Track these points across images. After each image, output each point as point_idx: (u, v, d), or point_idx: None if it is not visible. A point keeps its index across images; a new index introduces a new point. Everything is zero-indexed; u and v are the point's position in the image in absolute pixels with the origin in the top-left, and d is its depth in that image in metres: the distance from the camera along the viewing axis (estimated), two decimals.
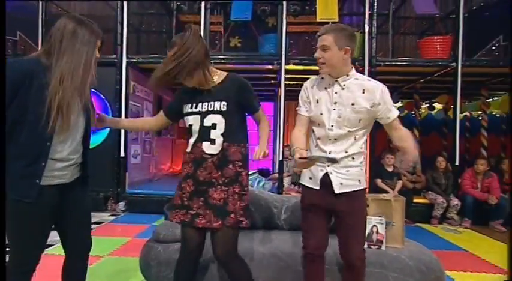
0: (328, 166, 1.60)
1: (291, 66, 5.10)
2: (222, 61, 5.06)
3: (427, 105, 8.02)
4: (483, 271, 2.83)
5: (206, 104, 1.57)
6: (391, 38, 5.84)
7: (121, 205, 4.83)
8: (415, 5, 4.90)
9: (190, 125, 1.61)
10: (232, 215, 1.53)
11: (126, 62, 4.98)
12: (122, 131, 4.91)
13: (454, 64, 4.81)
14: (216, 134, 1.55)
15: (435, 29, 5.60)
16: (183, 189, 1.59)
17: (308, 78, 1.76)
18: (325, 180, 1.61)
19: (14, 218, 1.31)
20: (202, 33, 4.91)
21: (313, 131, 1.70)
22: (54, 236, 1.48)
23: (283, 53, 4.93)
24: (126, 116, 4.98)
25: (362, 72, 5.00)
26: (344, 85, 1.63)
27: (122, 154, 4.93)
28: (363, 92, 1.61)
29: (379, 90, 1.61)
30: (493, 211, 4.40)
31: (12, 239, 1.34)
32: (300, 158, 1.50)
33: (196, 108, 1.59)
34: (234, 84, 1.60)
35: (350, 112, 1.60)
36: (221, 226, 1.52)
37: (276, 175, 5.12)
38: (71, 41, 1.34)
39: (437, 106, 7.80)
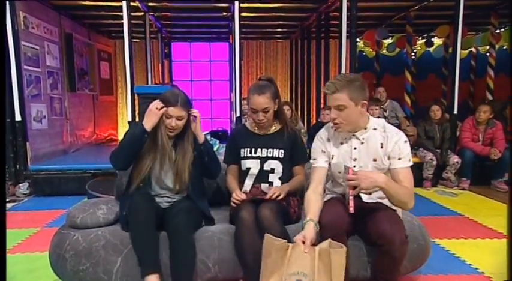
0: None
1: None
2: None
3: (424, 40, 8.27)
4: (478, 237, 3.13)
5: (266, 150, 2.27)
6: None
7: (23, 186, 4.66)
8: None
9: (248, 168, 2.28)
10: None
11: None
12: (14, 83, 4.60)
13: None
14: (274, 177, 2.27)
15: None
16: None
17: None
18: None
19: None
20: None
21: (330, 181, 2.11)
22: None
23: None
24: (17, 63, 4.64)
25: None
26: (363, 139, 1.90)
27: (18, 117, 4.66)
28: (381, 146, 1.87)
29: (393, 142, 1.85)
30: (496, 167, 4.79)
31: None
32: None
33: (255, 153, 2.28)
34: (290, 135, 2.31)
35: (372, 168, 1.87)
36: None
37: None
38: None
39: (437, 41, 8.07)
